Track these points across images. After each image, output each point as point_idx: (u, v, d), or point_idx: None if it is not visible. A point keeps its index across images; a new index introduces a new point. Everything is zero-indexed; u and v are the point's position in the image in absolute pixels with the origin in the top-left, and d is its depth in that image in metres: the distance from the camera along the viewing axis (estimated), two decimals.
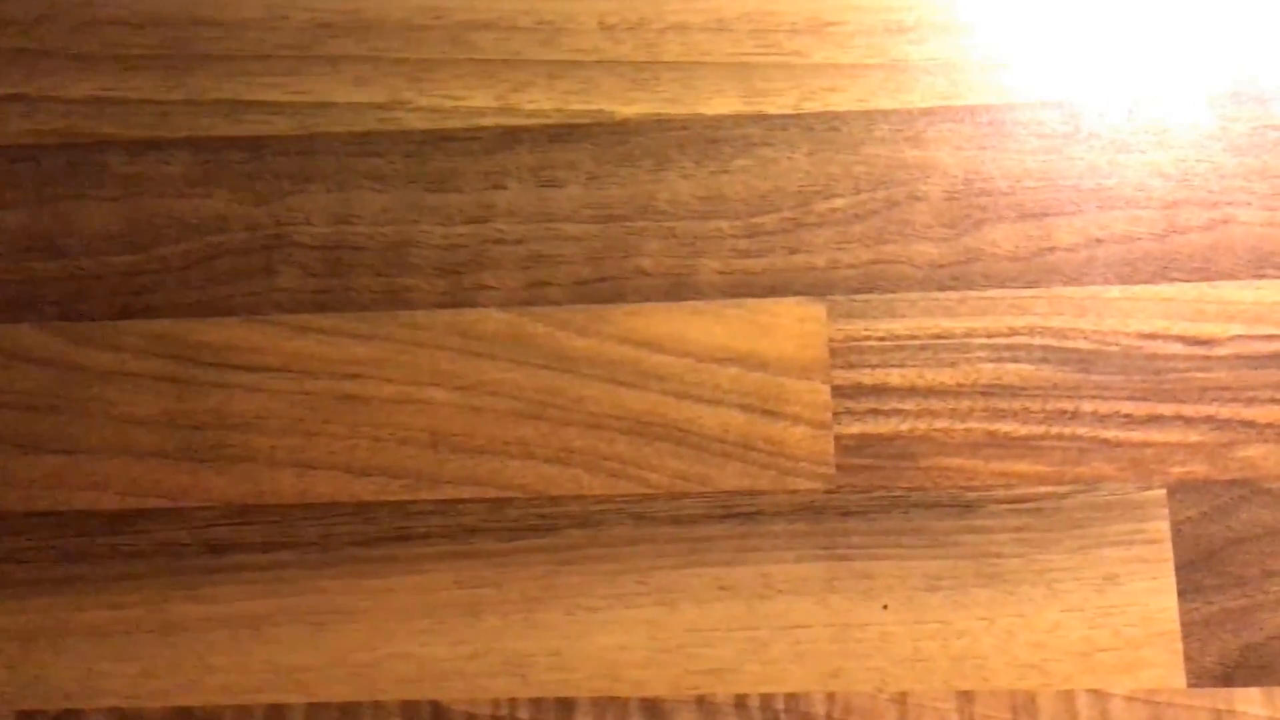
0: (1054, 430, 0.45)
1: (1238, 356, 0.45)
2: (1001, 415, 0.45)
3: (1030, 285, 0.46)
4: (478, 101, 0.49)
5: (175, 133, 0.49)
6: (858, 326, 0.46)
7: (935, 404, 0.45)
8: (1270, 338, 0.46)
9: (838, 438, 0.45)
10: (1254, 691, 0.43)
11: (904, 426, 0.45)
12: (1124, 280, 0.46)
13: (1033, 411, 0.45)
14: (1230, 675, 0.43)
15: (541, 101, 0.49)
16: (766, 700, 0.43)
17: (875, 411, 0.45)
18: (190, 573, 0.45)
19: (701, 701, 0.43)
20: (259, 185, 0.49)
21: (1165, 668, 0.43)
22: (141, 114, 0.49)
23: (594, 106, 0.49)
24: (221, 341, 0.47)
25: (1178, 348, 0.45)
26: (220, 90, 0.49)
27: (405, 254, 0.48)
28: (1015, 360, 0.45)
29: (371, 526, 0.45)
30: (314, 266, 0.48)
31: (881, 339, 0.46)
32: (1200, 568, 0.44)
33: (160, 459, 0.46)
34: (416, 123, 0.49)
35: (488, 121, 0.49)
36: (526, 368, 0.46)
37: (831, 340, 0.46)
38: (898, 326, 0.46)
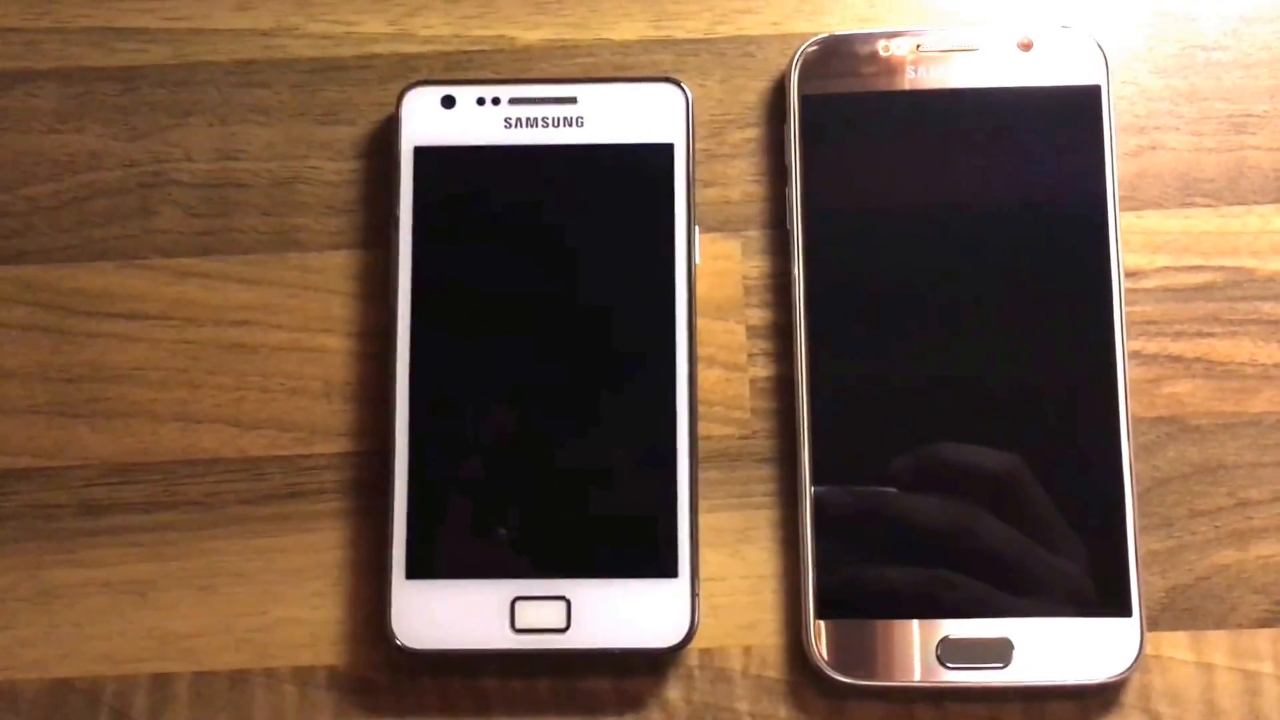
0: None
1: (1164, 289, 0.44)
2: None
3: None
4: (370, 27, 0.46)
5: (43, 63, 0.46)
6: (774, 264, 0.44)
7: None
8: (1197, 269, 0.44)
9: (752, 380, 0.44)
10: (1180, 636, 0.42)
11: None
12: None
13: None
14: (1156, 619, 0.42)
15: (438, 27, 0.46)
16: None
17: (791, 354, 0.43)
18: (66, 536, 0.43)
19: None
20: (134, 119, 0.46)
21: None
22: (6, 44, 0.46)
23: (494, 32, 0.46)
24: (97, 288, 0.44)
25: None
26: (90, 17, 0.46)
27: (294, 192, 0.45)
28: None
29: (261, 483, 0.43)
30: (195, 206, 0.45)
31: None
32: None
33: (32, 415, 0.44)
34: (304, 50, 0.46)
35: (381, 49, 0.46)
36: None
37: (745, 279, 0.44)
38: None
